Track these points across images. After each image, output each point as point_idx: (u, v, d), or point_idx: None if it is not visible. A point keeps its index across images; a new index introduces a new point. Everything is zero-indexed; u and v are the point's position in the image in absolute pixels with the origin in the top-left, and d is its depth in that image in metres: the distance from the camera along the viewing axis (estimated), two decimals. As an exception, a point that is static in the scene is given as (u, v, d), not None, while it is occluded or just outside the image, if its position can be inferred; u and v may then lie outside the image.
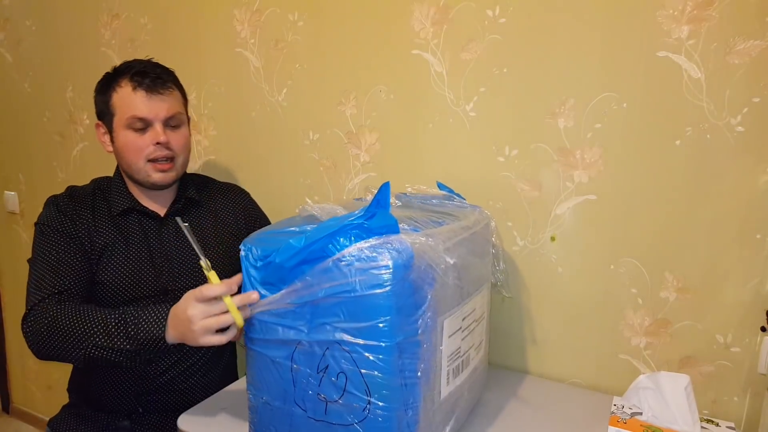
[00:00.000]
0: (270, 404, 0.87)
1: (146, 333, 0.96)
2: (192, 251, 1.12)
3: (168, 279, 1.21)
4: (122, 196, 1.23)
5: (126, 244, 1.20)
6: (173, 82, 1.22)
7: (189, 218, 1.26)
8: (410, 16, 1.31)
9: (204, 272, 0.91)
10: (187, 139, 1.23)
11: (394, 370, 0.77)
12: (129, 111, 1.16)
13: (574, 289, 1.23)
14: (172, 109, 1.19)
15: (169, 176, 1.20)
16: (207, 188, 1.36)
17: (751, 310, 1.08)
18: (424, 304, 0.79)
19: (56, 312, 1.04)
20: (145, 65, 1.19)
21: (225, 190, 1.39)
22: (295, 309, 0.81)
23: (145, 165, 1.18)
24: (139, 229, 1.23)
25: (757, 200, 1.05)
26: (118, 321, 0.99)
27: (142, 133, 1.17)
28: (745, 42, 1.02)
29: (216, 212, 1.32)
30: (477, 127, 1.28)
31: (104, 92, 1.20)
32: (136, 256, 1.20)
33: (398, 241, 0.77)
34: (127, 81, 1.17)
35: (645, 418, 0.97)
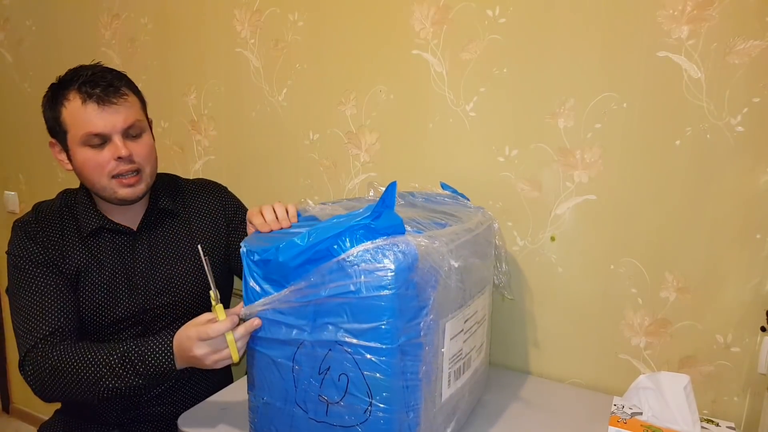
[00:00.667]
0: (271, 405, 0.87)
1: (155, 367, 0.96)
2: (167, 265, 1.19)
3: (145, 297, 1.16)
4: (90, 215, 1.15)
5: (99, 267, 1.13)
6: (127, 86, 1.11)
7: (163, 231, 1.20)
8: (410, 16, 1.31)
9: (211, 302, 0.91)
10: (151, 146, 1.14)
11: (396, 372, 0.77)
12: (82, 127, 1.05)
13: (574, 289, 1.23)
14: (130, 118, 1.08)
15: (138, 190, 1.12)
16: (180, 194, 1.27)
17: (751, 310, 1.08)
18: (426, 306, 0.79)
19: (55, 359, 1.01)
20: (92, 73, 1.08)
21: (198, 191, 1.30)
22: (299, 308, 0.81)
23: (110, 182, 1.09)
24: (111, 248, 1.16)
25: (757, 200, 1.05)
26: (122, 360, 0.97)
27: (100, 149, 1.07)
28: (745, 42, 1.02)
29: (190, 221, 1.24)
30: (477, 127, 1.28)
31: (52, 107, 1.09)
32: (110, 277, 1.14)
33: (404, 242, 0.77)
34: (75, 93, 1.05)
35: (645, 418, 0.97)
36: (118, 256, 1.16)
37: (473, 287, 0.96)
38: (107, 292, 1.13)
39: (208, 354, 0.90)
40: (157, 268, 1.18)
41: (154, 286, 1.17)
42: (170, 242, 1.21)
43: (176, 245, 1.21)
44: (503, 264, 1.11)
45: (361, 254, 0.76)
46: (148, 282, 1.17)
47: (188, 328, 0.93)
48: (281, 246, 0.80)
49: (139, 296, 1.16)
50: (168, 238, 1.21)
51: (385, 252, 0.76)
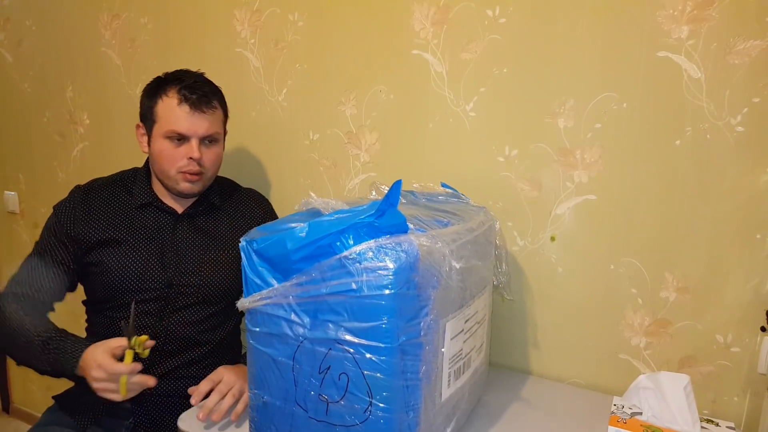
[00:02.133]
0: (271, 404, 0.87)
1: (62, 364, 1.08)
2: (202, 250, 1.28)
3: (174, 273, 1.24)
4: (144, 191, 1.28)
5: (137, 237, 1.24)
6: (219, 101, 1.25)
7: (205, 220, 1.31)
8: (410, 16, 1.31)
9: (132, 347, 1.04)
10: (220, 155, 1.27)
11: (396, 372, 0.77)
12: (170, 123, 1.19)
13: (574, 289, 1.23)
14: (212, 128, 1.22)
15: (195, 187, 1.24)
16: (230, 196, 1.39)
17: (751, 310, 1.08)
18: (427, 306, 0.79)
19: (8, 313, 1.15)
20: (195, 80, 1.22)
21: (247, 198, 1.41)
22: (299, 304, 0.81)
23: (176, 174, 1.22)
24: (153, 223, 1.27)
25: (757, 200, 1.05)
26: (42, 346, 1.09)
27: (178, 145, 1.20)
28: (745, 42, 1.02)
29: (233, 218, 1.35)
30: (477, 127, 1.28)
31: (150, 97, 1.22)
32: (146, 249, 1.24)
33: (406, 242, 0.77)
34: (174, 92, 1.19)
35: (645, 418, 0.97)
36: (157, 232, 1.26)
37: (474, 287, 0.96)
38: (140, 261, 1.22)
39: (101, 381, 1.01)
40: (191, 250, 1.27)
41: (185, 265, 1.25)
42: (209, 230, 1.30)
43: (214, 234, 1.30)
44: (503, 264, 1.11)
45: (363, 252, 0.76)
46: (180, 260, 1.25)
47: (99, 348, 1.04)
48: (283, 235, 0.80)
49: (168, 272, 1.24)
50: (208, 227, 1.30)
51: (387, 251, 0.75)
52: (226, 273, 1.28)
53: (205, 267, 1.27)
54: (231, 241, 1.31)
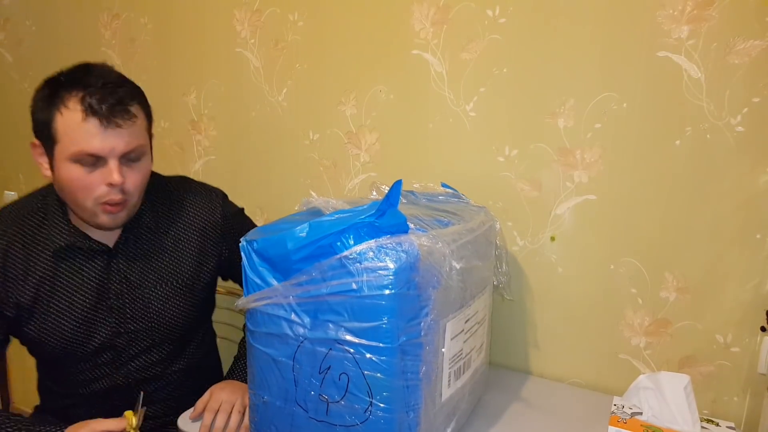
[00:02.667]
0: (271, 404, 0.87)
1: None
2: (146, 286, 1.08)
3: (119, 321, 1.07)
4: (62, 229, 1.02)
5: (69, 289, 1.03)
6: (139, 103, 0.98)
7: (143, 248, 1.09)
8: (410, 16, 1.31)
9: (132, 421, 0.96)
10: (147, 172, 1.02)
11: (397, 372, 0.77)
12: (77, 144, 0.92)
13: (574, 289, 1.23)
14: (133, 142, 0.95)
15: (119, 219, 1.00)
16: (166, 204, 1.13)
17: (751, 310, 1.08)
18: (427, 306, 0.79)
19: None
20: (102, 83, 0.93)
21: (188, 201, 1.16)
22: (299, 304, 0.81)
23: (94, 206, 0.97)
24: (83, 268, 1.04)
25: (757, 200, 1.05)
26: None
27: (91, 169, 0.94)
28: (745, 42, 1.02)
29: (176, 238, 1.12)
30: (477, 127, 1.28)
31: (45, 109, 0.94)
32: (82, 301, 1.04)
33: (407, 242, 0.77)
34: (76, 103, 0.91)
35: (645, 418, 0.97)
36: (91, 277, 1.05)
37: (474, 287, 0.96)
38: (78, 318, 1.03)
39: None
40: (135, 290, 1.08)
41: (131, 309, 1.07)
42: (150, 261, 1.09)
43: (157, 265, 1.10)
44: (503, 264, 1.11)
45: (363, 252, 0.76)
46: (124, 304, 1.07)
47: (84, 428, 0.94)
48: (283, 235, 0.80)
49: (113, 319, 1.06)
50: (148, 256, 1.09)
51: (388, 251, 0.75)
52: (180, 305, 1.12)
53: (153, 306, 1.09)
54: (178, 267, 1.12)
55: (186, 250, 1.13)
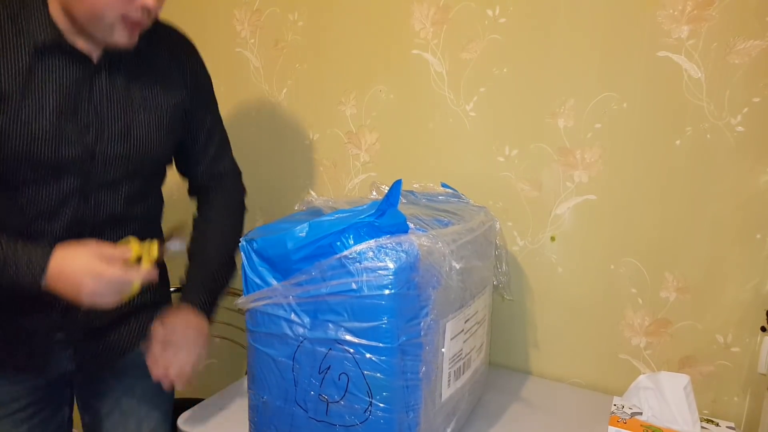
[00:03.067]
0: (271, 404, 0.87)
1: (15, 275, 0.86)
2: (128, 110, 0.99)
3: (95, 141, 0.96)
4: (44, 25, 0.90)
5: (41, 91, 0.91)
6: None
7: (126, 69, 0.99)
8: (410, 16, 1.31)
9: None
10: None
11: (396, 372, 0.77)
12: None
13: (574, 289, 1.23)
14: None
15: (134, 39, 0.93)
16: (158, 38, 1.06)
17: (751, 310, 1.08)
18: (427, 306, 0.79)
19: None
20: None
21: (177, 43, 1.11)
22: (299, 304, 0.81)
23: (115, 20, 0.88)
24: (63, 73, 0.93)
25: (757, 200, 1.05)
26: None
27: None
28: (745, 42, 1.02)
29: (163, 69, 1.05)
30: (477, 127, 1.28)
31: None
32: (58, 107, 0.92)
33: (407, 241, 0.77)
34: None
35: (645, 418, 0.97)
36: (70, 85, 0.93)
37: (474, 287, 0.96)
38: (52, 124, 0.92)
39: (104, 294, 0.86)
40: (116, 111, 0.98)
41: (110, 130, 0.97)
42: (133, 83, 1.00)
43: (139, 88, 1.01)
44: (503, 264, 1.11)
45: (363, 252, 0.76)
46: (102, 123, 0.96)
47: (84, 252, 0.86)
48: (283, 235, 0.80)
49: (89, 138, 0.95)
50: (131, 78, 0.99)
51: (388, 251, 0.76)
52: (159, 137, 1.03)
53: (134, 131, 0.99)
54: (161, 98, 1.03)
55: (168, 85, 1.05)
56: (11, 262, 0.86)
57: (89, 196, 0.98)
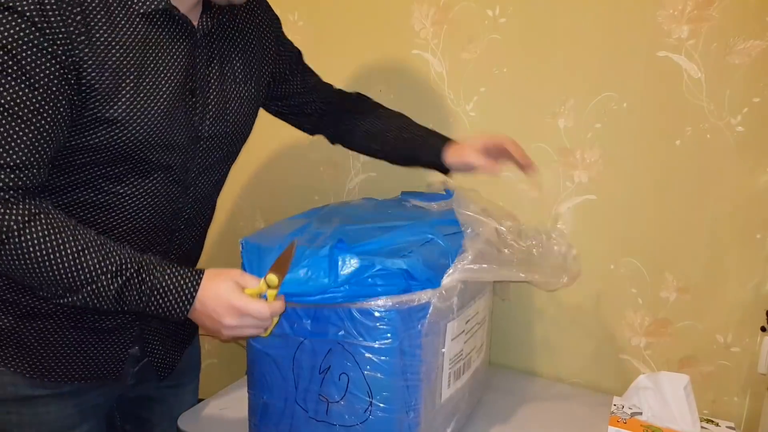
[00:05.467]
0: (271, 404, 0.87)
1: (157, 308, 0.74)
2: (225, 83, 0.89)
3: (200, 122, 0.85)
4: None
5: (154, 68, 0.78)
6: None
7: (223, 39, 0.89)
8: (410, 16, 1.31)
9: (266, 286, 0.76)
10: None
11: (397, 372, 0.77)
12: None
13: (574, 289, 1.23)
14: None
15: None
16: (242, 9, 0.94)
17: (751, 310, 1.08)
18: (428, 306, 0.79)
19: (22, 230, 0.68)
20: None
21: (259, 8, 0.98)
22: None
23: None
24: (169, 45, 0.80)
25: (757, 200, 1.05)
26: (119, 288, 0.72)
27: None
28: (745, 42, 1.02)
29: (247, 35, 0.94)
30: (477, 127, 1.28)
31: None
32: (172, 86, 0.80)
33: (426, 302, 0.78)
34: None
35: (645, 418, 0.97)
36: (181, 59, 0.81)
37: (475, 288, 0.96)
38: (167, 107, 0.80)
39: (243, 327, 0.74)
40: (215, 85, 0.87)
41: (212, 109, 0.87)
42: (227, 53, 0.89)
43: (231, 60, 0.90)
44: None
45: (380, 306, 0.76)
46: (206, 100, 0.86)
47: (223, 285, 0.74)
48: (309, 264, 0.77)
49: (195, 118, 0.84)
50: (226, 49, 0.89)
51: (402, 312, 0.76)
52: (248, 114, 0.94)
53: (232, 105, 0.90)
54: (248, 69, 0.93)
55: (252, 54, 0.95)
56: (160, 289, 0.74)
57: (189, 185, 0.88)
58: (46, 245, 0.68)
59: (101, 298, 0.72)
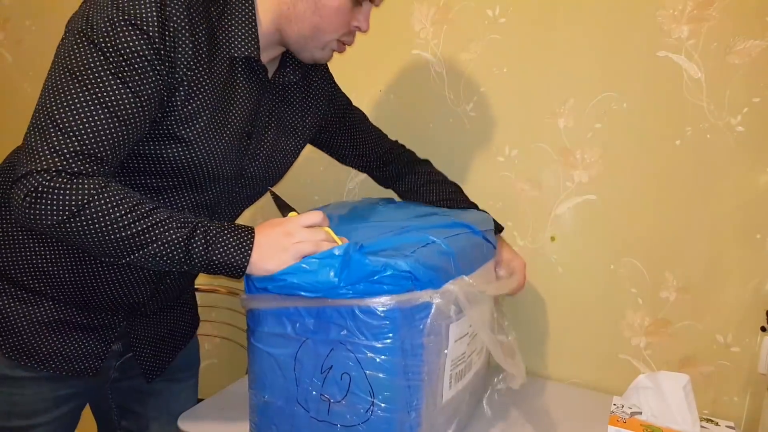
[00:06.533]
0: (272, 404, 0.87)
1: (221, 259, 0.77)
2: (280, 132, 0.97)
3: (249, 160, 0.93)
4: (247, 37, 0.84)
5: (230, 105, 0.86)
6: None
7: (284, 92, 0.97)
8: (410, 16, 1.31)
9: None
10: None
11: (399, 372, 0.77)
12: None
13: (574, 289, 1.23)
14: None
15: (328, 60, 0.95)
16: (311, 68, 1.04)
17: (751, 310, 1.08)
18: (430, 306, 0.79)
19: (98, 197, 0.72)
20: None
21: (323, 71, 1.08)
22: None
23: (331, 41, 0.91)
24: (245, 88, 0.88)
25: (757, 200, 1.05)
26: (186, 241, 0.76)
27: (355, 6, 0.88)
28: (745, 42, 1.02)
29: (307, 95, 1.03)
30: (477, 127, 1.28)
31: None
32: (235, 124, 0.87)
33: (426, 302, 0.78)
34: None
35: (645, 418, 0.97)
36: (251, 102, 0.89)
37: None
38: (229, 142, 0.87)
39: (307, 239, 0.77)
40: (269, 132, 0.95)
41: (261, 150, 0.94)
42: (291, 107, 0.99)
43: (291, 113, 0.99)
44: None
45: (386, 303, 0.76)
46: (260, 143, 0.93)
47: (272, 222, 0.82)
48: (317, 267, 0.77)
49: (246, 158, 0.92)
50: (290, 102, 0.99)
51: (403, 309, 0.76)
52: (289, 165, 1.02)
53: (278, 155, 0.97)
54: (302, 124, 1.01)
55: (307, 113, 1.03)
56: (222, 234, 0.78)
57: (216, 211, 0.95)
58: (123, 205, 0.74)
59: (172, 247, 0.75)
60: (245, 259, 0.78)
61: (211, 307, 1.60)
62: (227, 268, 0.78)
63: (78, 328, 0.91)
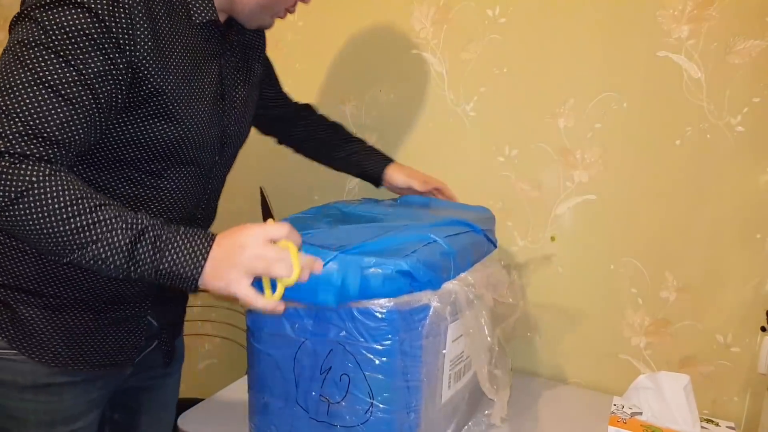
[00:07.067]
0: (271, 404, 0.87)
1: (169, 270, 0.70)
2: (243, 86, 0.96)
3: (227, 122, 0.93)
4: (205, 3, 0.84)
5: (202, 73, 0.86)
6: None
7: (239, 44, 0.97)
8: (410, 16, 1.31)
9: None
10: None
11: (397, 373, 0.77)
12: None
13: (575, 289, 1.23)
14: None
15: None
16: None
17: (751, 310, 1.08)
18: (429, 307, 0.79)
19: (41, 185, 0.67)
20: None
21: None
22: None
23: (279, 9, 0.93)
24: (211, 51, 0.88)
25: (757, 200, 1.05)
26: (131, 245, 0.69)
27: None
28: (745, 42, 1.02)
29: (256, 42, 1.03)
30: (477, 127, 1.28)
31: None
32: (214, 90, 0.88)
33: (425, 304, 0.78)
34: None
35: (645, 418, 0.97)
36: (220, 65, 0.90)
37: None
38: (209, 108, 0.86)
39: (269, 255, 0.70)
40: (238, 90, 0.95)
41: (234, 110, 0.94)
42: (245, 63, 0.98)
43: (248, 64, 0.99)
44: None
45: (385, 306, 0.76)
46: (233, 102, 0.93)
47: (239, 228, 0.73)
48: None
49: (225, 120, 0.92)
50: (243, 58, 0.98)
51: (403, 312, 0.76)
52: (251, 114, 1.02)
53: (248, 110, 0.99)
54: (256, 75, 1.02)
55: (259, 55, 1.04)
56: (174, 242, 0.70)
57: (209, 181, 0.94)
58: (65, 198, 0.68)
59: (114, 251, 0.69)
60: (197, 270, 0.69)
61: (211, 307, 1.60)
62: (176, 279, 0.70)
63: (112, 322, 0.90)
